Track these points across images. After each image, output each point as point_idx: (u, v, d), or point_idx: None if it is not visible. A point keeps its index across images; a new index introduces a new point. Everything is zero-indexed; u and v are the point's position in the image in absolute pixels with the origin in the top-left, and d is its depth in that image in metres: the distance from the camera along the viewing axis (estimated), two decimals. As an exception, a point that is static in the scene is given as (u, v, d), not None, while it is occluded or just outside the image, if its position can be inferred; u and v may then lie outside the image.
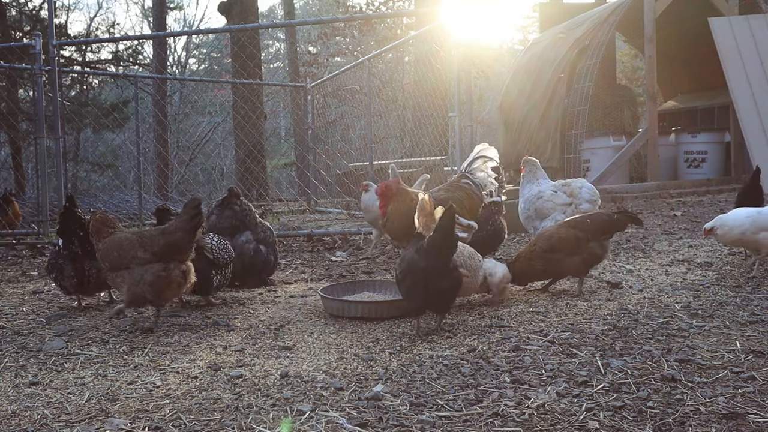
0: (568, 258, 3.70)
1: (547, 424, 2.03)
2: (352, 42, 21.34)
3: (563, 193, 4.78)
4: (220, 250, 3.79)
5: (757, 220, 3.93)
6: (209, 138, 22.05)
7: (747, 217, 3.96)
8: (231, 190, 4.40)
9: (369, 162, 9.06)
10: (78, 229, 3.76)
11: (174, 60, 27.68)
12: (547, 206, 4.74)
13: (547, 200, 4.76)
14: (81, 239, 3.74)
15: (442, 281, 2.99)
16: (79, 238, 3.74)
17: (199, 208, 3.32)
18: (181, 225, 3.28)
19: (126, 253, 3.23)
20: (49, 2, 7.19)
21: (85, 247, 3.72)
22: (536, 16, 18.39)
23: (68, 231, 3.76)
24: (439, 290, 3.01)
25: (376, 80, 10.15)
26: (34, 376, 2.62)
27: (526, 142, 12.09)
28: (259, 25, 11.44)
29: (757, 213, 3.98)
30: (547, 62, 11.87)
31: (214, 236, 3.85)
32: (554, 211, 4.70)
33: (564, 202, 4.73)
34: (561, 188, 4.83)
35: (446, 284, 3.01)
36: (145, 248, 3.21)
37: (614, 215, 3.83)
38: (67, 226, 3.76)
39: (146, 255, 3.21)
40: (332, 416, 2.13)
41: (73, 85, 15.37)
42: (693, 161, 11.37)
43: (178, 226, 3.30)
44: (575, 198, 4.76)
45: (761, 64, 9.80)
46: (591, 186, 4.85)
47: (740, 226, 3.96)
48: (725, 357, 2.56)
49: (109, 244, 3.32)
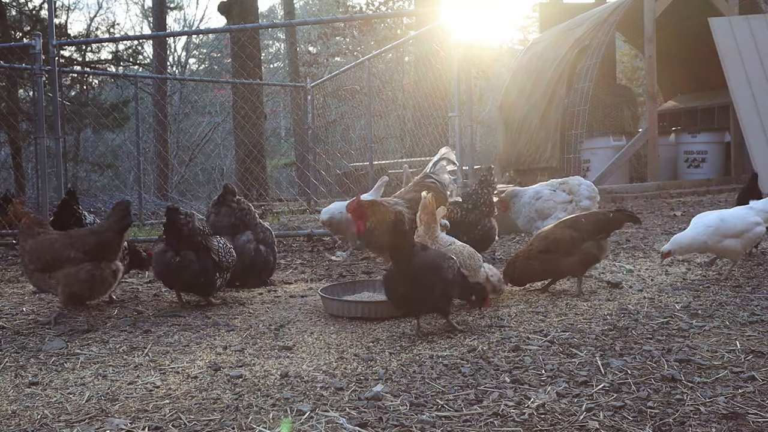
0: (565, 258, 3.69)
1: (547, 424, 2.03)
2: (352, 42, 21.34)
3: (562, 191, 4.78)
4: (225, 253, 3.83)
5: (719, 228, 3.84)
6: (209, 138, 22.04)
7: (708, 227, 3.85)
8: (226, 187, 4.45)
9: (369, 162, 9.05)
10: (74, 224, 3.76)
11: (174, 60, 27.67)
12: (547, 205, 4.73)
13: (547, 199, 4.76)
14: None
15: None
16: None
17: (128, 210, 3.43)
18: (110, 225, 3.41)
19: (60, 254, 3.31)
20: (49, 2, 7.19)
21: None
22: (536, 16, 18.39)
23: (64, 226, 3.76)
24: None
25: (376, 80, 10.14)
26: (34, 376, 2.62)
27: (526, 142, 12.09)
28: (259, 25, 11.43)
29: (719, 221, 3.87)
30: (547, 62, 11.87)
31: (221, 239, 3.86)
32: (555, 210, 4.70)
33: (564, 200, 4.74)
34: (559, 186, 4.83)
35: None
36: (76, 248, 3.30)
37: (610, 213, 3.81)
38: (61, 220, 3.76)
39: (78, 255, 3.31)
40: (332, 416, 2.12)
41: (73, 85, 15.35)
42: (693, 161, 11.37)
43: (108, 226, 3.42)
44: (575, 195, 4.76)
45: (761, 64, 9.80)
46: (589, 183, 4.86)
47: (691, 243, 3.85)
48: (725, 357, 2.56)
49: (41, 245, 3.37)
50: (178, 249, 3.66)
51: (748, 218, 3.90)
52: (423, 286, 2.98)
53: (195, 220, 3.77)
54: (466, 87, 5.99)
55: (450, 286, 3.06)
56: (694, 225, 3.94)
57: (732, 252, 3.91)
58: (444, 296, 3.06)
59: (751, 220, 3.90)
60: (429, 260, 3.05)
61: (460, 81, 5.97)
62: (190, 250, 3.67)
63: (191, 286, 3.79)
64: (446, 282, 3.03)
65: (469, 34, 6.11)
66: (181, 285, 3.80)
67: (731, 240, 3.84)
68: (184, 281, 3.73)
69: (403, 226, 3.66)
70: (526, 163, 12.12)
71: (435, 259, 3.08)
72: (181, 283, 3.77)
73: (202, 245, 3.71)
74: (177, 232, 3.67)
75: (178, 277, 3.72)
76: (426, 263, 3.03)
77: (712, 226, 3.85)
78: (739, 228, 3.85)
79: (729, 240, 3.84)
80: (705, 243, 3.86)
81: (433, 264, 3.04)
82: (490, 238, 4.59)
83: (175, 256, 3.65)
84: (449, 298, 3.12)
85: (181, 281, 3.74)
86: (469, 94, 6.03)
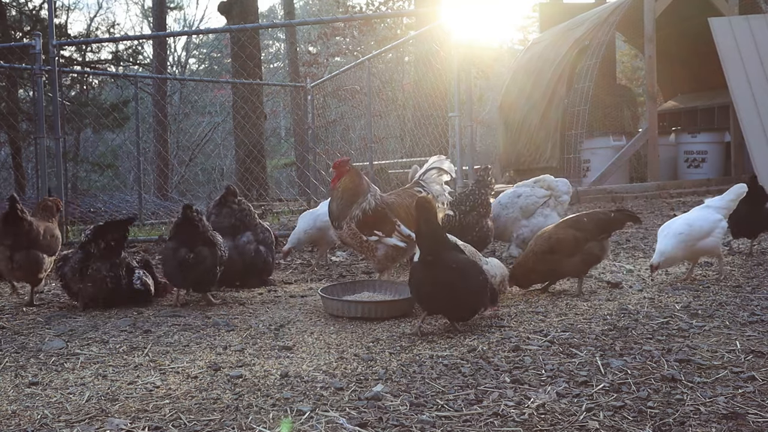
0: (568, 259, 3.69)
1: (547, 424, 2.03)
2: (352, 42, 21.35)
3: (540, 188, 4.78)
4: (225, 247, 3.94)
5: (690, 234, 3.84)
6: (209, 138, 22.05)
7: (679, 234, 3.85)
8: (228, 188, 4.49)
9: (369, 162, 9.05)
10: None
11: (174, 60, 27.68)
12: (530, 201, 4.71)
13: (529, 195, 4.74)
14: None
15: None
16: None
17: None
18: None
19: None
20: (49, 2, 7.18)
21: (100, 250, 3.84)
22: (536, 16, 18.39)
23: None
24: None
25: (376, 80, 10.14)
26: (34, 376, 2.62)
27: (526, 142, 12.10)
28: (259, 25, 11.43)
29: (689, 227, 3.88)
30: (547, 62, 11.87)
31: (218, 235, 3.94)
32: (538, 206, 4.69)
33: (544, 195, 4.74)
34: (535, 184, 4.82)
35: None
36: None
37: (612, 213, 3.81)
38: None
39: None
40: (332, 416, 2.12)
41: (73, 85, 15.35)
42: (693, 161, 11.37)
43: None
44: (553, 190, 4.76)
45: (761, 64, 9.80)
46: (563, 179, 4.88)
47: (675, 250, 3.84)
48: (725, 357, 2.56)
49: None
50: (192, 246, 3.74)
51: (711, 217, 3.94)
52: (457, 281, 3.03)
53: (204, 217, 3.91)
54: (466, 87, 5.99)
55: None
56: (668, 235, 3.91)
57: (713, 250, 3.93)
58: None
59: (713, 218, 3.93)
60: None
61: (460, 81, 5.97)
62: (204, 246, 3.76)
63: (200, 282, 3.84)
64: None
65: (469, 34, 6.10)
66: (192, 281, 3.84)
67: (706, 240, 3.87)
68: (196, 277, 3.79)
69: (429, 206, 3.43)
70: (526, 163, 12.12)
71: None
72: (192, 279, 3.81)
73: (210, 240, 3.81)
74: (193, 229, 3.76)
75: (190, 274, 3.76)
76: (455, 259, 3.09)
77: (683, 233, 3.86)
78: (706, 229, 3.88)
79: (705, 240, 3.87)
80: (688, 250, 3.87)
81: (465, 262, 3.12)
82: (486, 240, 4.60)
83: (189, 252, 3.72)
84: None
85: (193, 277, 3.79)
86: (469, 94, 6.03)
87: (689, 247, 3.86)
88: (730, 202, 4.03)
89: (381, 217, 3.98)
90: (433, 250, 3.02)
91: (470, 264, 3.11)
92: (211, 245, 3.80)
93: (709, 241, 3.88)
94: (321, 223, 4.93)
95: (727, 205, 4.02)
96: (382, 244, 3.97)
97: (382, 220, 3.97)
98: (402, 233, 3.96)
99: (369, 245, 4.00)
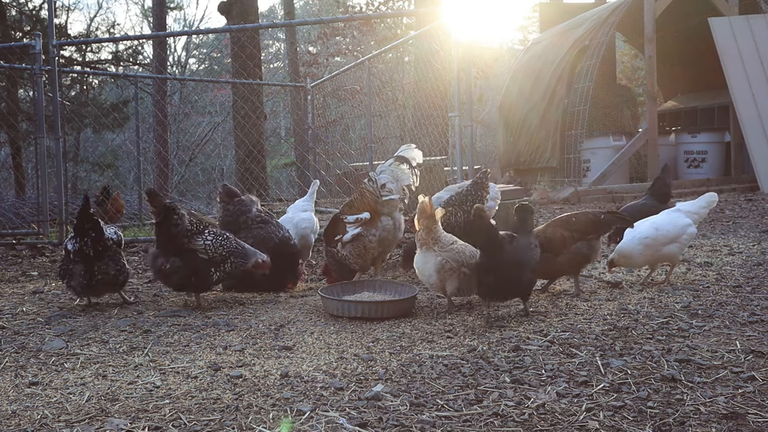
0: (557, 258, 3.69)
1: (547, 424, 2.03)
2: (352, 42, 21.35)
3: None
4: (216, 246, 3.82)
5: (656, 239, 3.82)
6: (209, 138, 22.04)
7: (645, 238, 3.83)
8: (223, 187, 4.61)
9: (369, 162, 9.05)
10: (90, 229, 3.77)
11: (174, 60, 27.66)
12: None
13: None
14: (93, 240, 3.76)
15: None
16: (92, 239, 3.76)
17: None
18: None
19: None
20: (49, 2, 7.18)
21: (96, 248, 3.77)
22: (536, 16, 18.41)
23: (82, 231, 3.78)
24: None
25: (376, 80, 10.13)
26: (34, 376, 2.62)
27: (526, 142, 12.11)
28: (259, 25, 11.41)
29: (655, 230, 3.85)
30: (547, 62, 11.88)
31: (209, 235, 3.83)
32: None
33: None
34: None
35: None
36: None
37: (601, 215, 3.80)
38: (81, 225, 3.78)
39: None
40: (332, 416, 2.12)
41: (73, 85, 15.34)
42: (693, 161, 11.38)
43: None
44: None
45: (761, 64, 9.80)
46: (493, 184, 4.65)
47: (636, 252, 3.83)
48: (725, 357, 2.56)
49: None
50: (167, 254, 3.77)
51: (680, 221, 3.91)
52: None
53: (185, 221, 3.81)
54: (466, 87, 5.98)
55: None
56: (633, 238, 3.89)
57: (672, 257, 3.90)
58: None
59: (682, 222, 3.90)
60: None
61: (460, 81, 5.96)
62: (176, 257, 3.75)
63: (183, 287, 3.89)
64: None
65: (469, 34, 6.09)
66: (174, 287, 3.92)
67: (670, 246, 3.85)
68: (176, 283, 3.85)
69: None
70: (526, 163, 12.13)
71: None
72: (173, 285, 3.89)
73: (185, 248, 3.77)
74: (166, 233, 3.77)
75: (170, 281, 3.84)
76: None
77: (649, 236, 3.83)
78: (673, 234, 3.85)
79: (668, 246, 3.84)
80: (655, 253, 3.85)
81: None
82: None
83: (166, 263, 3.76)
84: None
85: (173, 283, 3.86)
86: (469, 94, 6.02)
87: (653, 253, 3.84)
88: (701, 209, 4.01)
89: (334, 223, 4.43)
90: (491, 247, 3.28)
91: (527, 246, 3.37)
92: (187, 252, 3.77)
93: (673, 247, 3.85)
94: (302, 230, 4.96)
95: (698, 211, 3.99)
96: (342, 243, 4.26)
97: (334, 226, 4.39)
98: (348, 221, 4.25)
99: (340, 255, 4.28)
